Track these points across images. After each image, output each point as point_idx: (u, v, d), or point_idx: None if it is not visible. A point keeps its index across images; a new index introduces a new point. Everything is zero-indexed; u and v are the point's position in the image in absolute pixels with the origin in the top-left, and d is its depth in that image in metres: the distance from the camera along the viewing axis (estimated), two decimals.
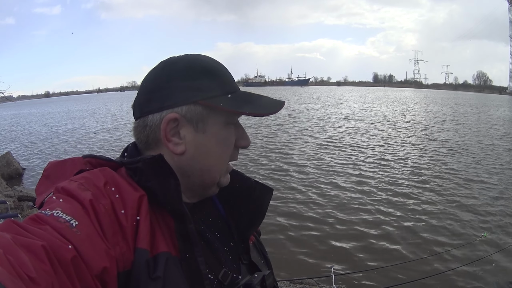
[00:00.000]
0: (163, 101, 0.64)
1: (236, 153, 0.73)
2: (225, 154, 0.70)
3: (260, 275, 0.71)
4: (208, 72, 0.66)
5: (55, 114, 36.43)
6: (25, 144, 16.29)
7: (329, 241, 5.51)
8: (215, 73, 0.67)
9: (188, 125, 0.65)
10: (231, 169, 0.75)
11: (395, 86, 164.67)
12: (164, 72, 0.66)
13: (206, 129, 0.66)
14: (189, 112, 0.64)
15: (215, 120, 0.66)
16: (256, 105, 0.68)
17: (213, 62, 0.70)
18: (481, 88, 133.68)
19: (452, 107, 34.22)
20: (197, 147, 0.66)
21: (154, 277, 0.53)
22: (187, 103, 0.64)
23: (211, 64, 0.68)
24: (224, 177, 0.72)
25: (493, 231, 5.68)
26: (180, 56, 0.70)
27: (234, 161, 0.74)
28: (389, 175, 8.96)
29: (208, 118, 0.65)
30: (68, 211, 0.50)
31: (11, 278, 0.37)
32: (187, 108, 0.64)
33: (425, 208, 6.71)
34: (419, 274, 4.12)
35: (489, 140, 14.41)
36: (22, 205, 6.48)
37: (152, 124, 0.65)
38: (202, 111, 0.65)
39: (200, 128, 0.65)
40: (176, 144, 0.65)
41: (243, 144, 0.73)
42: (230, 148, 0.70)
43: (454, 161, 10.58)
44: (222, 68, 0.70)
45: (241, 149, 0.74)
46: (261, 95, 0.72)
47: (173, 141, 0.65)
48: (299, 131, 16.60)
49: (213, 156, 0.68)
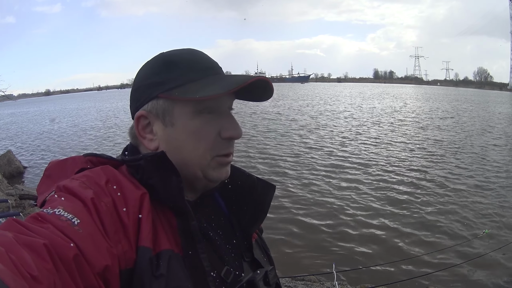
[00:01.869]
0: (136, 101, 0.68)
1: (224, 145, 0.68)
2: (201, 146, 0.65)
3: (262, 271, 0.71)
4: (169, 65, 0.67)
5: (55, 112, 36.40)
6: (27, 143, 16.26)
7: (331, 238, 5.52)
8: (176, 64, 0.66)
9: (157, 121, 0.66)
10: (226, 163, 0.70)
11: (395, 82, 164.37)
12: (137, 73, 0.70)
13: (174, 122, 0.65)
14: (153, 108, 0.66)
15: (181, 111, 0.65)
16: (217, 86, 0.63)
17: (181, 53, 0.69)
18: (481, 84, 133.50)
19: (453, 104, 34.17)
20: (168, 141, 0.66)
21: (157, 275, 0.53)
22: (151, 98, 0.66)
23: (175, 55, 0.68)
24: (214, 171, 0.68)
25: (495, 227, 5.68)
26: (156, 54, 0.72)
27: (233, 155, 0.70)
28: (390, 173, 8.95)
29: (173, 110, 0.65)
30: (69, 210, 0.50)
31: (14, 276, 0.37)
32: (151, 104, 0.66)
33: (426, 206, 6.71)
34: (421, 271, 4.14)
35: (490, 138, 14.41)
36: (23, 203, 6.49)
37: (133, 124, 0.70)
38: (164, 104, 0.65)
39: (167, 122, 0.65)
40: (150, 140, 0.67)
41: (228, 135, 0.67)
42: (207, 139, 0.66)
43: (454, 159, 10.57)
44: (191, 57, 0.68)
45: (229, 139, 0.68)
46: (234, 75, 0.68)
47: (147, 137, 0.67)
48: (301, 126, 16.63)
49: (186, 149, 0.65)
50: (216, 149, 0.67)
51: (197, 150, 0.65)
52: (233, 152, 0.70)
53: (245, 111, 23.40)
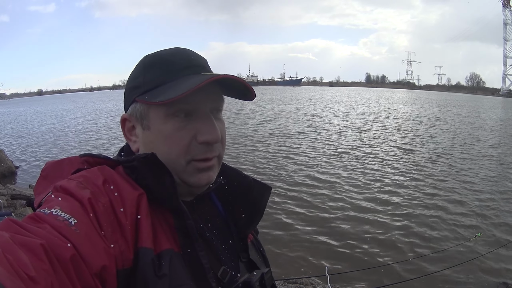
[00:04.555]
0: (125, 104, 0.70)
1: (201, 149, 0.64)
2: (173, 151, 0.63)
3: (259, 273, 0.71)
4: (146, 67, 0.67)
5: (47, 113, 36.05)
6: (19, 142, 16.11)
7: (323, 240, 5.53)
8: (153, 66, 0.66)
9: (137, 124, 0.67)
10: (205, 167, 0.65)
11: (387, 86, 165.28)
12: (129, 76, 0.71)
13: (150, 125, 0.65)
14: (133, 112, 0.67)
15: (155, 115, 0.64)
16: (180, 87, 0.60)
17: (162, 54, 0.68)
18: (474, 89, 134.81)
19: (450, 109, 34.51)
20: (145, 144, 0.67)
21: (160, 275, 0.54)
22: (130, 102, 0.68)
23: (156, 57, 0.67)
24: (191, 176, 0.65)
25: (487, 231, 5.74)
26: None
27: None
28: (384, 176, 9.02)
29: (149, 113, 0.65)
30: (66, 210, 0.49)
31: (10, 277, 0.37)
32: (132, 107, 0.67)
33: (419, 209, 6.77)
34: (413, 274, 4.16)
35: (483, 143, 14.59)
36: (15, 203, 6.41)
37: None
38: (140, 108, 0.66)
39: (145, 125, 0.66)
40: (134, 142, 0.69)
41: (203, 139, 0.63)
42: (180, 144, 0.63)
43: (447, 163, 10.68)
44: (171, 57, 0.67)
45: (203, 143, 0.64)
46: (205, 74, 0.65)
47: (132, 139, 0.69)
48: (297, 127, 16.67)
49: (160, 153, 0.61)
50: (192, 154, 0.63)
51: (170, 154, 0.63)
52: (215, 156, 0.67)
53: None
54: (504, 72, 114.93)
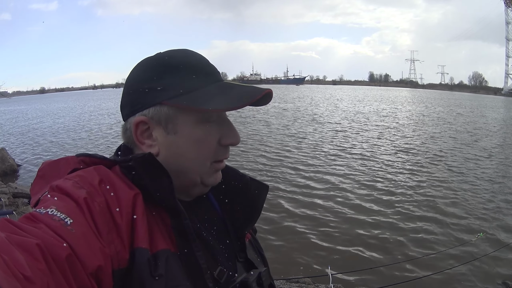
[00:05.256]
0: (133, 105, 0.65)
1: (223, 151, 0.69)
2: (203, 155, 0.66)
3: (256, 272, 0.71)
4: (172, 69, 0.65)
5: (48, 111, 36.12)
6: (21, 140, 16.15)
7: (326, 240, 5.53)
8: (180, 69, 0.65)
9: (158, 127, 0.65)
10: (221, 168, 0.71)
11: (391, 85, 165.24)
12: (131, 74, 0.67)
13: (177, 130, 0.64)
14: (156, 114, 0.64)
15: (185, 119, 0.64)
16: (227, 97, 0.63)
17: (182, 56, 0.67)
18: (476, 88, 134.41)
19: (452, 108, 34.39)
20: (169, 148, 0.65)
21: (156, 275, 0.54)
22: (153, 104, 0.64)
23: (177, 59, 0.66)
24: (211, 176, 0.69)
25: (489, 231, 5.72)
26: (152, 55, 0.69)
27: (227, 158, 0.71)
28: (387, 176, 9.01)
29: (177, 118, 0.64)
30: (62, 209, 0.49)
31: (6, 277, 0.37)
32: (154, 110, 0.64)
33: (421, 209, 6.75)
34: (415, 274, 4.16)
35: (485, 143, 14.53)
36: (17, 202, 6.45)
37: (129, 127, 0.67)
38: (168, 111, 0.64)
39: (170, 129, 0.64)
40: (149, 146, 0.66)
41: (228, 142, 0.69)
42: (210, 148, 0.67)
43: (449, 162, 10.66)
44: (192, 60, 0.67)
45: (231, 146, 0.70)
46: (241, 85, 0.68)
47: (146, 143, 0.66)
48: (299, 125, 16.63)
49: (188, 158, 0.65)
50: (215, 156, 0.68)
51: (199, 157, 0.66)
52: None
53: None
54: (506, 72, 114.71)
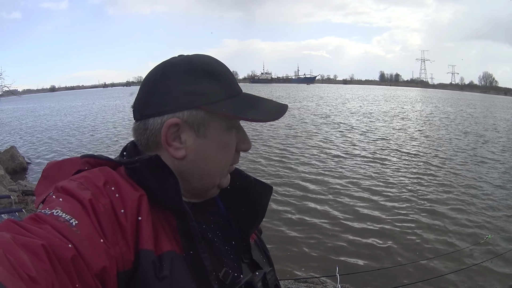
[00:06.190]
0: (164, 105, 0.63)
1: (237, 156, 0.73)
2: (226, 159, 0.70)
3: (261, 273, 0.71)
4: (210, 75, 0.65)
5: (58, 109, 36.50)
6: (31, 139, 16.31)
7: (334, 240, 5.49)
8: (217, 76, 0.66)
9: (189, 130, 0.64)
10: (231, 170, 0.74)
11: (401, 85, 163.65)
12: (165, 75, 0.64)
13: (207, 134, 0.65)
14: (190, 117, 0.63)
15: (216, 125, 0.65)
16: (259, 110, 0.67)
17: (215, 63, 0.68)
18: (486, 89, 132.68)
19: (462, 109, 34.04)
20: (197, 152, 0.65)
21: (161, 277, 0.54)
22: (189, 108, 0.63)
23: (213, 66, 0.67)
24: (225, 178, 0.72)
25: (498, 233, 5.64)
26: (181, 57, 0.68)
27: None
28: (395, 176, 8.93)
29: (209, 123, 0.65)
30: (67, 210, 0.50)
31: (11, 278, 0.37)
32: (189, 113, 0.63)
33: (430, 210, 6.67)
34: (424, 276, 4.10)
35: (496, 144, 14.34)
36: (26, 199, 6.51)
37: (152, 127, 0.64)
38: (204, 116, 0.64)
39: (201, 133, 0.65)
40: (176, 148, 0.64)
41: (244, 148, 0.73)
42: (231, 153, 0.70)
43: (458, 163, 10.53)
44: (224, 69, 0.69)
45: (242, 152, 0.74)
46: (264, 98, 0.71)
47: (174, 145, 0.64)
48: (308, 124, 16.60)
49: (214, 161, 0.68)
50: (233, 161, 0.72)
51: (222, 161, 0.69)
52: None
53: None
54: None
